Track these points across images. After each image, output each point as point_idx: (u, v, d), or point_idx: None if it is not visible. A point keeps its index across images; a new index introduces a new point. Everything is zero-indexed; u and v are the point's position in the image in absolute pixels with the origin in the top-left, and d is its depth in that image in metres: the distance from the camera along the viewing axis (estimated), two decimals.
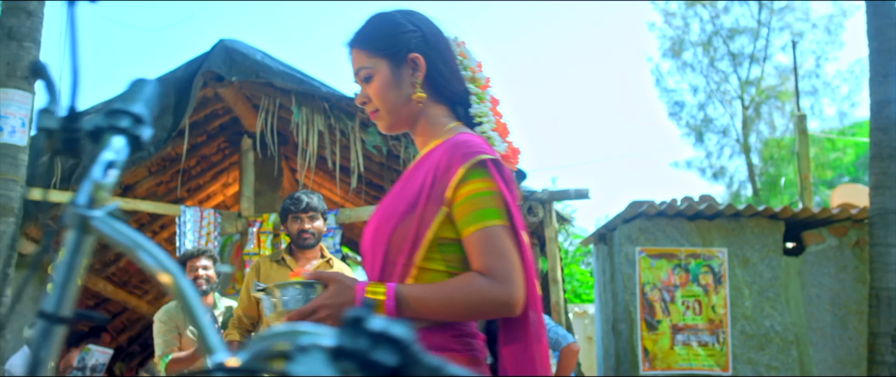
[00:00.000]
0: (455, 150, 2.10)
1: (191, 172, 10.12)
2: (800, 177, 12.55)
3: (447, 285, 2.06)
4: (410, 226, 2.10)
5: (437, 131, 2.26)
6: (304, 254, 5.19)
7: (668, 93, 24.27)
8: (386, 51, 2.26)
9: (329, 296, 2.07)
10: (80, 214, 1.18)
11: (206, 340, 1.16)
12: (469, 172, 2.07)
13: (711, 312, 8.88)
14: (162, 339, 5.64)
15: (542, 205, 7.86)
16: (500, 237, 2.05)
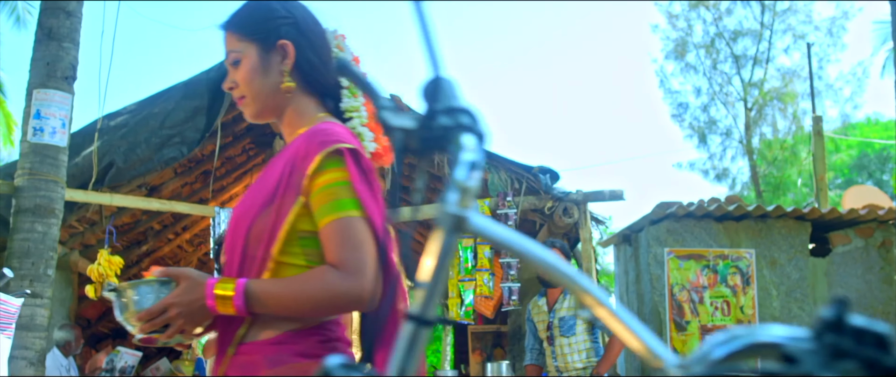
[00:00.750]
0: (313, 137, 2.04)
1: (216, 174, 10.10)
2: (815, 178, 12.61)
3: (297, 279, 1.99)
4: (268, 218, 2.03)
5: (304, 122, 2.20)
6: None
7: (672, 94, 24.36)
8: (255, 35, 2.20)
9: (179, 294, 2.00)
10: (454, 214, 1.18)
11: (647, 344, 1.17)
12: (325, 161, 2.00)
13: (740, 313, 8.92)
14: None
15: (577, 206, 7.87)
16: (355, 228, 1.98)
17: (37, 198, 6.75)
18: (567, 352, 6.38)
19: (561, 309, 6.45)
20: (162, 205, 8.53)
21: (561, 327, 6.39)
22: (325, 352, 2.02)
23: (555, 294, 6.49)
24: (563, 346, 6.38)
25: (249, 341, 2.04)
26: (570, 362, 6.36)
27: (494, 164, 8.12)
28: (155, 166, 8.15)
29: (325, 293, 1.95)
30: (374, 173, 2.09)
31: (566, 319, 6.40)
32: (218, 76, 8.18)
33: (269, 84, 2.18)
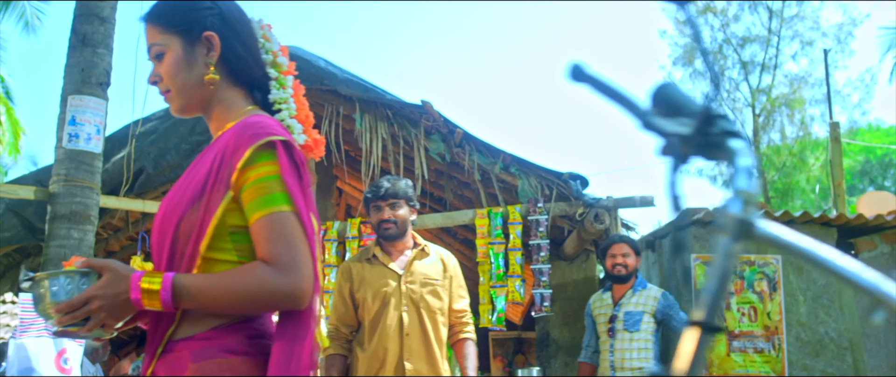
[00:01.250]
0: (244, 131, 1.99)
1: None
2: (833, 184, 12.63)
3: (228, 275, 1.94)
4: (197, 214, 1.98)
5: (232, 116, 2.15)
6: (394, 246, 4.70)
7: None
8: (179, 27, 2.14)
9: (102, 286, 1.93)
10: (739, 221, 1.17)
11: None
12: (256, 154, 1.96)
13: (767, 319, 8.91)
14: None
15: (608, 212, 7.87)
16: (287, 224, 1.93)
17: (72, 204, 6.73)
18: (627, 348, 6.17)
19: (628, 303, 6.27)
20: None
21: (626, 321, 6.20)
22: (253, 348, 1.98)
23: (622, 289, 6.34)
24: (623, 341, 6.17)
25: (177, 338, 1.99)
26: (627, 359, 6.14)
27: (525, 170, 8.12)
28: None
29: (257, 289, 1.89)
30: (306, 167, 2.07)
31: (633, 314, 6.23)
32: None
33: (195, 77, 2.13)
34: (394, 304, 4.56)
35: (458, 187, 9.06)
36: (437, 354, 4.54)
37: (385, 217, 4.64)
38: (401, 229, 4.66)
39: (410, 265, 4.66)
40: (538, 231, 7.94)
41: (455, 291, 4.73)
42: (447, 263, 4.76)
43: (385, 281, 4.61)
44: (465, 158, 8.12)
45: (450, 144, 8.12)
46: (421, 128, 8.11)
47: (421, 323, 4.54)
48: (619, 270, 6.29)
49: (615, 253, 6.35)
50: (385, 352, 4.50)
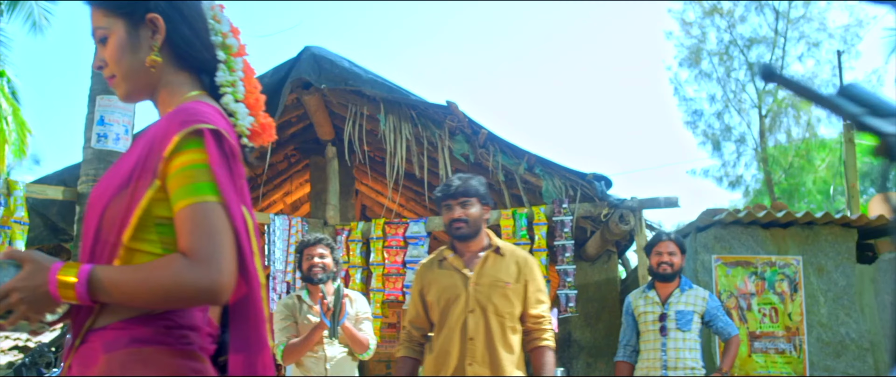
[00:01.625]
0: (174, 117, 1.93)
1: (257, 180, 10.09)
2: (847, 185, 12.63)
3: (144, 267, 1.86)
4: (122, 202, 1.92)
5: (176, 100, 2.08)
6: (466, 247, 4.50)
7: (686, 101, 24.43)
8: (122, 9, 2.07)
9: (22, 279, 1.86)
10: None
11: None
12: (183, 142, 1.89)
13: (788, 320, 8.91)
14: (279, 328, 5.61)
15: (632, 213, 7.87)
16: (210, 214, 1.86)
17: None
18: (681, 348, 6.11)
19: (678, 302, 6.23)
20: None
21: (678, 320, 6.15)
22: (170, 339, 1.92)
23: (668, 287, 6.30)
24: (677, 340, 6.12)
25: (94, 329, 1.92)
26: (681, 359, 6.09)
27: (549, 171, 8.12)
28: None
29: (172, 283, 1.81)
30: (238, 157, 1.99)
31: (685, 313, 6.18)
32: (271, 82, 8.17)
33: (139, 61, 2.07)
34: (460, 307, 4.39)
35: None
36: (505, 361, 4.30)
37: (456, 216, 4.45)
38: (472, 229, 4.46)
39: (481, 267, 4.45)
40: (563, 232, 7.94)
41: (531, 295, 4.44)
42: (522, 265, 4.49)
43: (453, 283, 4.45)
44: (489, 159, 8.12)
45: (474, 145, 8.12)
46: (445, 128, 8.11)
47: (487, 327, 4.34)
48: (664, 269, 6.24)
49: (661, 250, 6.29)
50: (447, 355, 4.37)
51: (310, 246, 5.65)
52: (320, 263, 5.59)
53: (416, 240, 8.16)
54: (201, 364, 1.96)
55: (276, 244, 8.15)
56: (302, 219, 8.46)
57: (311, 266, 5.58)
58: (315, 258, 5.60)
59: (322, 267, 5.58)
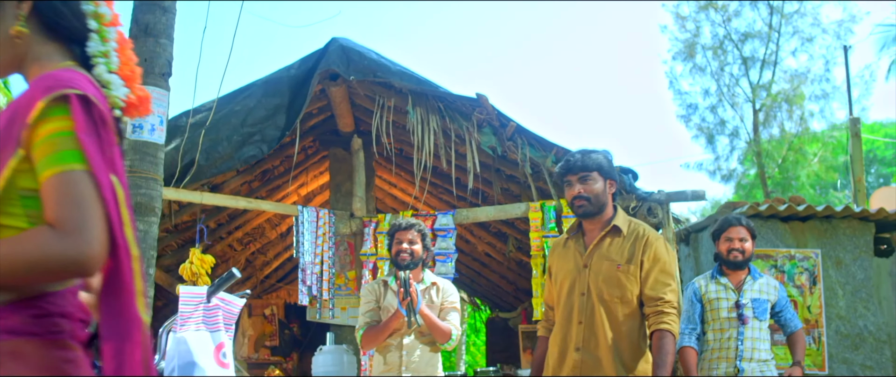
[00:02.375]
0: (39, 83, 1.86)
1: (274, 172, 10.06)
2: (853, 179, 12.74)
3: (8, 242, 1.78)
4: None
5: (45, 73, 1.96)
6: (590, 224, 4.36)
7: (681, 95, 24.52)
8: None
9: None
10: None
11: None
12: (48, 108, 1.81)
13: (807, 313, 8.98)
14: (362, 312, 5.54)
15: (660, 205, 7.90)
16: (77, 183, 1.79)
17: (137, 196, 6.66)
18: (758, 337, 5.85)
19: (752, 290, 5.89)
20: (249, 204, 8.49)
21: (755, 309, 5.83)
22: (39, 329, 1.84)
23: (739, 275, 5.92)
24: (754, 329, 5.82)
25: None
26: (758, 348, 5.82)
27: None
28: (235, 164, 8.10)
29: (39, 255, 1.74)
30: (108, 125, 1.92)
31: (760, 301, 5.88)
32: (299, 73, 8.15)
33: (4, 33, 1.98)
34: (573, 288, 4.28)
35: (503, 181, 9.06)
36: (616, 345, 4.14)
37: (576, 192, 4.27)
38: (595, 205, 4.27)
39: (595, 248, 4.29)
40: None
41: (652, 276, 4.21)
42: (639, 245, 4.26)
43: (571, 263, 4.34)
44: (517, 152, 8.12)
45: (501, 138, 8.12)
46: (473, 121, 8.10)
47: (595, 311, 4.18)
48: (735, 256, 5.88)
49: (732, 236, 5.90)
50: (557, 338, 4.28)
51: (401, 230, 5.47)
52: (408, 249, 5.41)
53: (445, 233, 8.16)
54: (73, 352, 1.89)
55: (304, 235, 8.11)
56: (329, 211, 8.43)
57: (399, 251, 5.41)
58: (404, 243, 5.42)
59: (410, 253, 5.40)
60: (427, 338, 5.40)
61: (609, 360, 4.12)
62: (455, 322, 5.44)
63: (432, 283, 5.53)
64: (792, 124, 22.76)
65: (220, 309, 3.47)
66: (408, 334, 5.37)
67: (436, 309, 5.43)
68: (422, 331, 5.37)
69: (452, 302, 5.52)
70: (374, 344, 5.39)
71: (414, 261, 5.40)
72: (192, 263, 7.95)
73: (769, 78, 23.19)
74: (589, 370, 4.12)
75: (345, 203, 9.14)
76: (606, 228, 4.28)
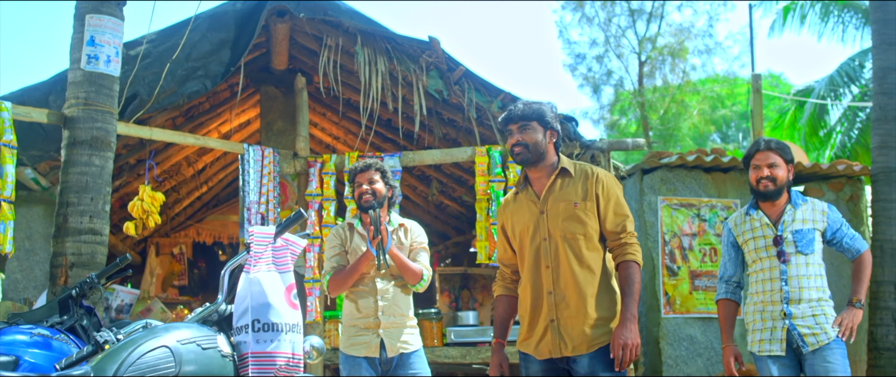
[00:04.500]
0: None
1: (200, 108, 9.80)
2: (753, 133, 13.23)
3: None
4: None
5: None
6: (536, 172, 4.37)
7: (570, 44, 24.96)
8: None
9: None
10: None
11: None
12: None
13: None
14: (328, 257, 5.47)
15: (602, 153, 8.08)
16: None
17: (94, 129, 6.43)
18: (804, 275, 4.98)
19: (794, 221, 5.06)
20: (196, 141, 8.26)
21: (798, 242, 5.00)
22: None
23: (776, 205, 5.11)
24: (799, 266, 4.99)
25: None
26: (805, 288, 4.98)
27: None
28: (178, 99, 7.85)
29: None
30: None
31: (803, 233, 5.03)
32: (245, 8, 7.94)
33: None
34: (534, 236, 4.30)
35: (443, 126, 9.08)
36: (584, 284, 4.21)
37: (515, 140, 4.32)
38: (534, 153, 4.30)
39: (548, 192, 4.32)
40: None
41: (610, 211, 4.27)
42: (592, 181, 4.31)
43: (526, 213, 4.36)
44: (463, 97, 8.14)
45: (448, 82, 8.12)
46: (421, 64, 8.08)
47: (560, 253, 4.23)
48: (765, 185, 5.07)
49: (759, 163, 5.11)
50: (527, 286, 4.33)
51: (359, 172, 5.40)
52: (369, 188, 5.33)
53: (393, 175, 8.13)
54: None
55: (249, 174, 7.94)
56: (274, 151, 8.27)
57: (361, 193, 5.34)
58: (364, 185, 5.35)
59: (372, 192, 5.32)
60: (399, 280, 5.37)
61: (581, 297, 4.20)
62: (425, 262, 5.42)
63: (400, 225, 5.48)
64: (675, 77, 23.47)
65: (288, 249, 3.41)
66: (379, 278, 5.32)
67: (405, 250, 5.39)
68: (393, 274, 5.34)
69: (421, 242, 5.50)
70: (342, 288, 5.32)
71: (378, 200, 5.32)
72: (143, 200, 7.72)
73: (655, 31, 23.81)
74: (564, 310, 4.21)
75: (276, 142, 8.99)
76: (555, 172, 4.35)
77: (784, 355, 4.99)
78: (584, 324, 4.18)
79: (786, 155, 5.12)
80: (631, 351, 4.05)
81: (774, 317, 5.02)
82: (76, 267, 6.27)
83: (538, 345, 4.30)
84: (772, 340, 5.02)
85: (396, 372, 5.30)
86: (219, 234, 13.49)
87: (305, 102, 8.69)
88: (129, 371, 2.91)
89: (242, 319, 3.24)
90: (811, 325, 4.94)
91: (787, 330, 4.97)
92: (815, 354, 4.93)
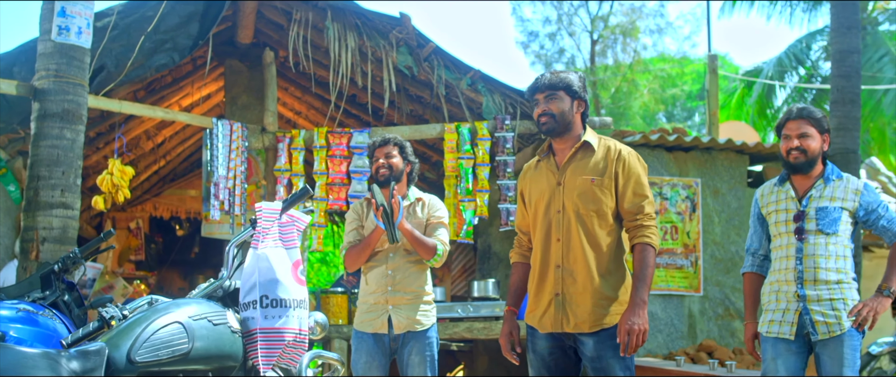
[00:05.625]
0: None
1: (162, 81, 9.68)
2: (708, 113, 13.43)
3: None
4: None
5: None
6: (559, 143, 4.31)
7: (523, 22, 25.03)
8: None
9: None
10: None
11: None
12: None
13: (686, 238, 9.54)
14: (346, 231, 5.43)
15: None
16: None
17: (65, 102, 6.32)
18: (821, 254, 4.61)
19: (821, 197, 4.66)
20: (166, 114, 8.16)
21: (819, 220, 4.62)
22: None
23: (806, 180, 4.73)
24: (817, 245, 4.62)
25: None
26: (821, 268, 4.61)
27: (490, 88, 8.24)
28: (146, 72, 7.75)
29: None
30: None
31: (828, 211, 4.63)
32: None
33: None
34: (549, 207, 4.24)
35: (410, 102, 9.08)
36: (590, 261, 4.16)
37: (541, 110, 4.22)
38: (560, 123, 4.20)
39: (569, 162, 4.24)
40: (505, 148, 8.12)
41: (629, 190, 4.20)
42: (613, 158, 4.23)
43: (544, 182, 4.29)
44: (432, 73, 8.15)
45: (417, 58, 8.12)
46: (390, 40, 8.06)
47: (571, 227, 4.18)
48: (795, 157, 4.66)
49: (790, 133, 4.69)
50: (541, 257, 4.29)
51: (378, 147, 5.35)
52: (386, 163, 5.28)
53: (362, 151, 8.12)
54: None
55: (218, 149, 7.87)
56: (242, 125, 8.20)
57: (377, 167, 5.29)
58: (381, 159, 5.30)
59: (388, 166, 5.27)
60: (413, 256, 5.29)
61: (589, 275, 4.17)
62: (442, 237, 5.33)
63: (417, 199, 5.43)
64: (626, 56, 23.66)
65: (294, 225, 3.40)
66: (393, 253, 5.27)
67: (420, 225, 5.33)
68: (407, 249, 5.28)
69: (439, 217, 5.41)
70: (356, 262, 5.28)
71: (394, 174, 5.28)
72: (112, 174, 7.62)
73: (607, 10, 23.95)
74: (570, 285, 4.18)
75: (241, 116, 8.92)
76: (577, 144, 4.26)
77: (793, 340, 4.63)
78: (589, 301, 4.14)
79: (820, 125, 4.68)
80: (637, 336, 3.99)
81: (788, 298, 4.66)
82: (47, 241, 6.19)
83: (542, 318, 4.27)
84: (782, 322, 4.67)
85: (403, 349, 5.24)
86: (176, 209, 13.35)
87: (274, 77, 8.63)
88: (144, 346, 2.90)
89: (250, 295, 3.23)
90: (826, 312, 4.56)
91: (799, 313, 4.61)
92: (826, 344, 4.55)
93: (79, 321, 4.46)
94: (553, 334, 4.27)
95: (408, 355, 5.21)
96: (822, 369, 4.53)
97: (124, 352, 2.88)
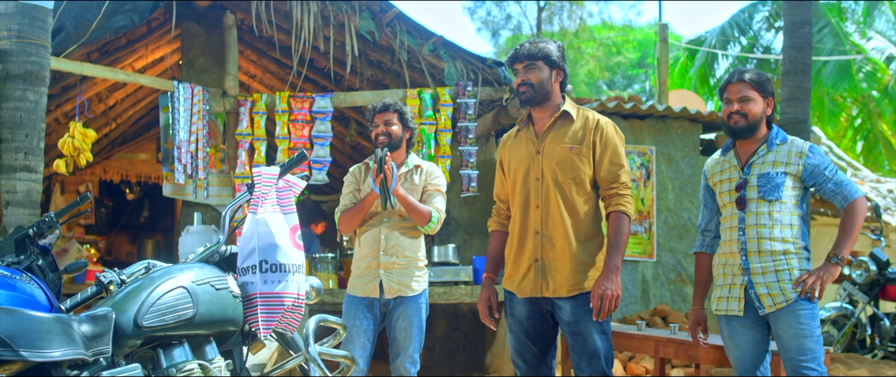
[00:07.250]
0: None
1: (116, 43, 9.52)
2: (659, 82, 13.61)
3: None
4: None
5: None
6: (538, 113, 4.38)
7: None
8: None
9: None
10: None
11: None
12: None
13: (640, 204, 9.70)
14: (343, 193, 5.42)
15: None
16: None
17: (28, 64, 6.22)
18: (764, 224, 4.36)
19: (764, 163, 4.41)
20: (128, 77, 8.03)
21: (761, 187, 4.38)
22: None
23: (749, 145, 4.48)
24: (760, 215, 4.36)
25: None
26: (765, 238, 4.35)
27: (452, 54, 8.24)
28: (105, 34, 7.62)
29: None
30: None
31: (771, 177, 4.38)
32: None
33: None
34: (527, 174, 4.35)
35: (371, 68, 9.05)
36: (569, 227, 4.27)
37: (520, 80, 4.30)
38: (539, 93, 4.28)
39: (548, 131, 4.34)
40: (467, 114, 8.15)
41: (606, 159, 4.28)
42: (591, 127, 4.31)
43: (523, 151, 4.40)
44: (394, 39, 8.13)
45: (380, 24, 8.10)
46: (353, 5, 8.02)
47: (550, 194, 4.29)
48: (736, 121, 4.42)
49: (731, 97, 4.44)
50: (520, 224, 4.39)
51: (378, 112, 5.32)
52: (385, 130, 5.26)
53: (324, 116, 8.09)
54: None
55: (180, 112, 7.79)
56: (203, 89, 8.11)
57: (377, 134, 5.27)
58: (380, 125, 5.28)
59: (387, 133, 5.25)
60: (408, 221, 5.28)
61: (567, 241, 4.28)
62: (438, 205, 5.29)
63: (416, 166, 5.42)
64: (572, 24, 23.78)
65: (291, 190, 3.41)
66: (387, 217, 5.27)
67: (417, 191, 5.31)
68: (401, 214, 5.27)
69: (437, 184, 5.37)
70: (350, 225, 5.27)
71: (393, 141, 5.28)
72: (74, 137, 7.50)
73: None
74: (549, 251, 4.30)
75: (198, 79, 8.81)
76: (556, 114, 4.33)
77: (743, 315, 4.43)
78: (567, 266, 4.26)
79: (763, 88, 4.43)
80: (610, 301, 4.12)
81: (734, 271, 4.45)
82: (11, 205, 6.13)
83: (520, 283, 4.38)
84: (729, 298, 4.47)
85: (392, 315, 5.25)
86: (126, 172, 13.17)
87: (234, 40, 8.54)
88: (151, 311, 2.90)
89: (249, 260, 3.24)
90: (770, 283, 4.33)
91: (744, 287, 4.41)
92: (777, 317, 4.32)
93: (53, 286, 4.43)
94: (531, 299, 4.40)
95: (396, 319, 5.24)
96: (780, 343, 4.33)
97: (131, 316, 2.88)
